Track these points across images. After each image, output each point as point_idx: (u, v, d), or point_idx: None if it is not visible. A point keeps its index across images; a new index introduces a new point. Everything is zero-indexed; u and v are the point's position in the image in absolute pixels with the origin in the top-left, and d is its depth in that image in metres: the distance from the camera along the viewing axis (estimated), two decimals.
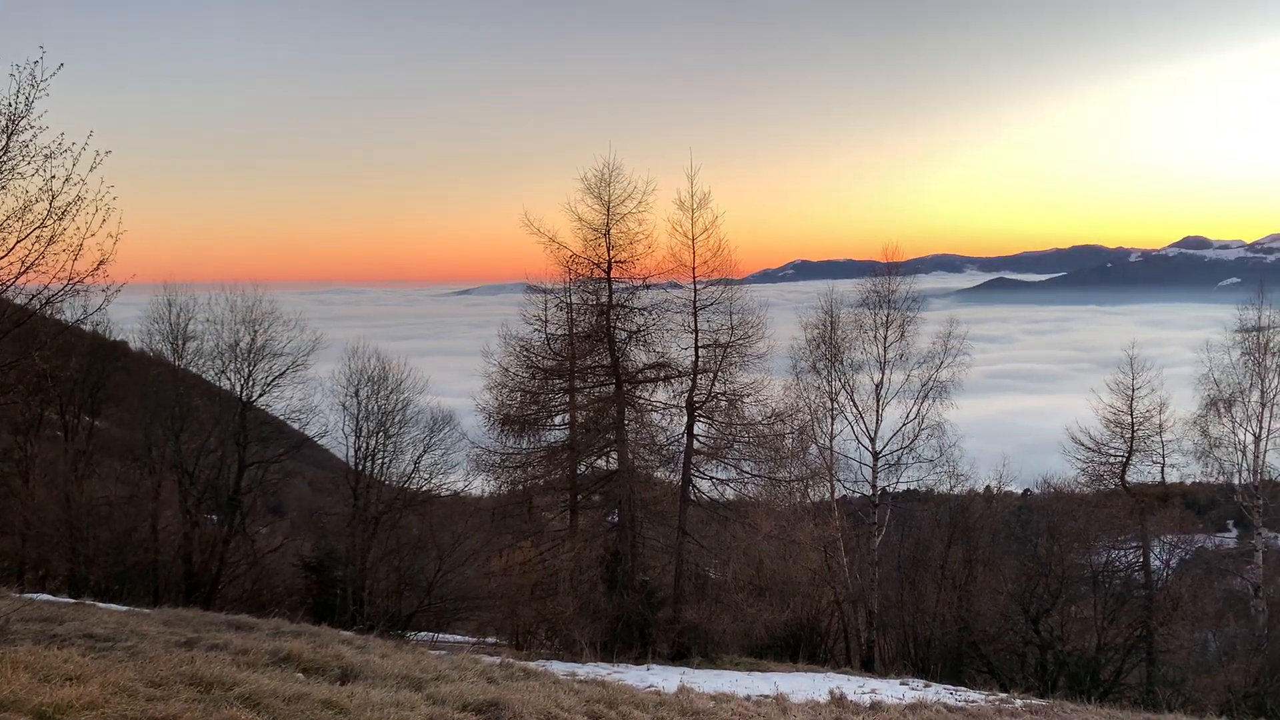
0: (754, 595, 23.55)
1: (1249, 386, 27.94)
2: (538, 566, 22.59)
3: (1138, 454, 27.75)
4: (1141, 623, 25.28)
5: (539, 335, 24.84)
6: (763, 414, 24.23)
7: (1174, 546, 28.18)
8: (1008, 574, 27.88)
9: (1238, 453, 27.97)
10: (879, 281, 28.85)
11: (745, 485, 24.83)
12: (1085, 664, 24.16)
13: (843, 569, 28.18)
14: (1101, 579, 26.38)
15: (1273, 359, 27.81)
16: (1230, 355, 28.43)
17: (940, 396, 28.35)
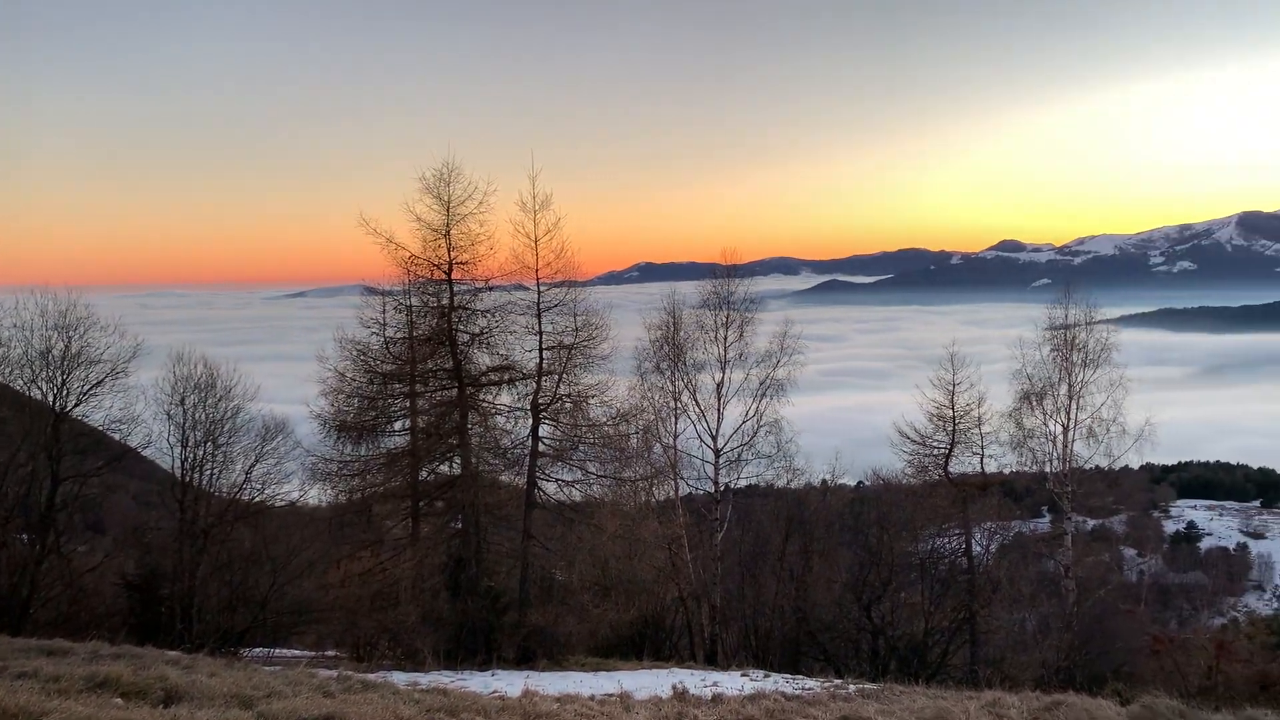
0: (600, 595, 23.66)
1: (1058, 380, 29.95)
2: (378, 576, 22.01)
3: (959, 446, 29.29)
4: (965, 606, 26.72)
5: (377, 339, 24.21)
6: (608, 415, 24.34)
7: (993, 532, 29.88)
8: (842, 564, 28.99)
9: (1049, 443, 29.94)
10: (719, 283, 29.55)
11: (591, 486, 24.90)
12: (914, 647, 25.38)
13: (687, 565, 28.65)
14: (928, 565, 27.75)
15: (1078, 354, 29.88)
16: (1041, 351, 30.44)
17: (778, 394, 29.23)
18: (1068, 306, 30.54)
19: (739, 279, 29.85)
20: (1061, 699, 11.05)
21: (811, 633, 26.91)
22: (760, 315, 30.48)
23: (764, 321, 30.57)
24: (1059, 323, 30.58)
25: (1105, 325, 31.45)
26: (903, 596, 26.82)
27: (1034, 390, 30.04)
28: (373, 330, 24.19)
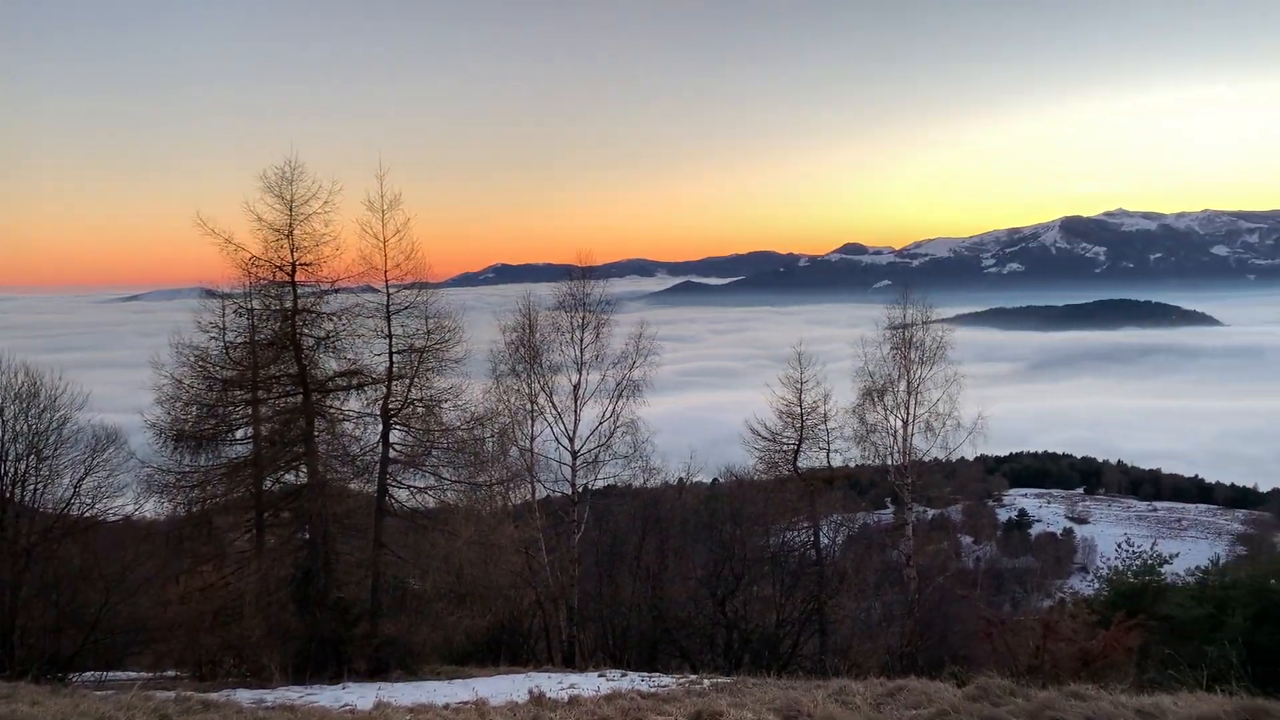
0: (455, 603, 23.31)
1: (897, 377, 31.23)
2: (221, 591, 21.06)
3: (807, 441, 30.21)
4: (814, 597, 27.56)
5: (217, 344, 23.17)
6: (462, 419, 23.99)
7: (840, 524, 30.94)
8: (698, 561, 29.46)
9: (890, 437, 31.19)
10: (575, 285, 29.56)
11: (445, 492, 24.49)
12: (766, 640, 26.02)
13: (544, 568, 28.54)
14: (780, 559, 28.49)
15: (916, 352, 31.24)
16: (882, 350, 31.66)
17: (634, 395, 29.44)
18: (906, 307, 31.90)
19: (595, 280, 29.96)
20: (903, 684, 11.54)
21: (668, 630, 27.24)
22: (617, 316, 30.66)
23: (620, 323, 30.77)
24: (898, 322, 31.87)
25: (940, 324, 32.99)
26: (755, 590, 27.46)
27: (876, 387, 31.24)
28: (212, 335, 23.14)
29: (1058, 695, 9.64)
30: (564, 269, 30.91)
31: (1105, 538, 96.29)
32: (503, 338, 29.33)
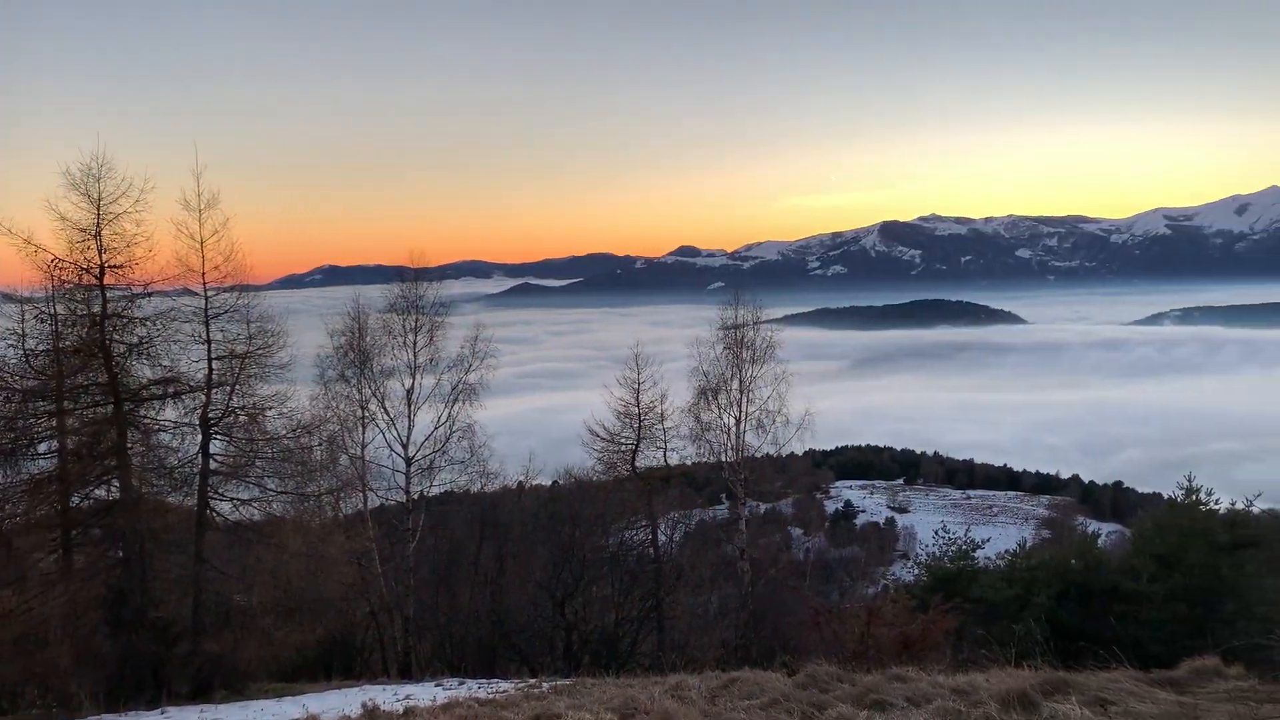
0: (283, 617, 22.42)
1: (730, 376, 31.99)
2: (22, 617, 19.53)
3: (645, 441, 30.59)
4: (652, 594, 27.93)
5: (15, 352, 21.45)
6: (288, 427, 23.07)
7: (677, 522, 31.48)
8: (537, 564, 29.36)
9: (724, 434, 31.91)
10: (408, 287, 28.97)
11: (271, 504, 23.52)
12: (606, 639, 26.18)
13: (378, 579, 27.83)
14: (618, 558, 28.74)
15: (747, 352, 32.10)
16: (715, 350, 32.36)
17: (470, 399, 29.09)
18: (738, 308, 32.73)
19: (429, 282, 29.45)
20: (737, 675, 11.84)
21: (507, 635, 27.04)
22: (452, 319, 30.23)
23: (456, 325, 30.36)
24: (730, 323, 32.64)
25: (770, 324, 34.01)
26: (595, 590, 27.59)
27: (710, 386, 31.92)
28: (10, 343, 21.43)
29: (881, 679, 10.10)
30: (396, 270, 30.26)
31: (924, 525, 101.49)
32: (331, 342, 28.44)
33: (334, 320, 28.98)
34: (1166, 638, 21.49)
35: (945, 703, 8.40)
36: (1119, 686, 8.44)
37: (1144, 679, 8.82)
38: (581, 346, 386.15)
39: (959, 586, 24.54)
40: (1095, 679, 8.96)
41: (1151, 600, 23.25)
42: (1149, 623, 22.83)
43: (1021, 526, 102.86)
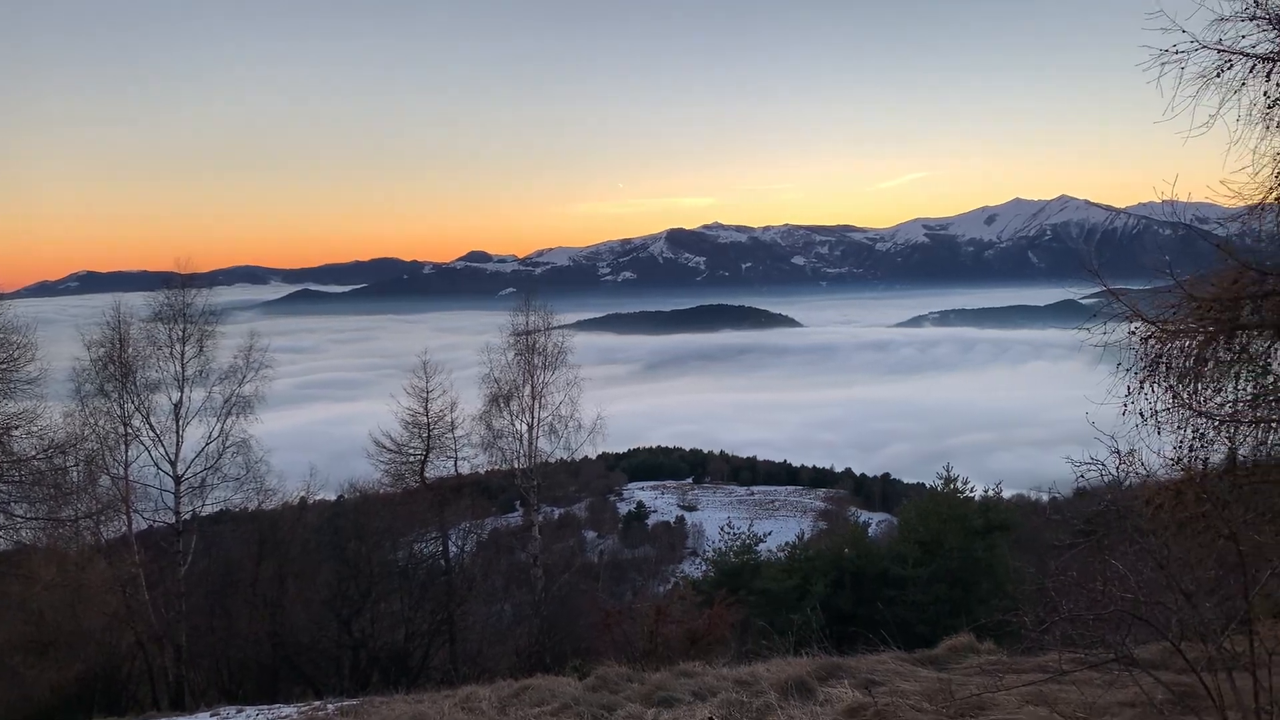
0: (36, 655, 20.52)
1: (522, 382, 31.93)
2: None
3: (434, 451, 30.05)
4: (444, 607, 27.44)
5: None
6: (38, 447, 21.20)
7: (469, 531, 31.05)
8: (322, 582, 28.20)
9: (516, 441, 31.81)
10: (174, 294, 27.25)
11: (19, 531, 21.56)
12: (396, 655, 25.49)
13: (146, 606, 25.94)
14: (408, 572, 28.05)
15: (539, 358, 32.14)
16: (507, 356, 32.22)
17: (245, 412, 27.72)
18: (528, 313, 32.73)
19: (198, 289, 27.83)
20: (529, 683, 11.83)
21: (289, 657, 25.82)
22: (225, 328, 28.67)
23: (229, 334, 28.82)
24: (522, 329, 32.61)
25: (561, 330, 34.21)
26: (384, 606, 26.80)
27: (501, 393, 31.75)
28: None
29: (669, 675, 10.37)
30: (162, 277, 28.41)
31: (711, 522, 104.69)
32: (88, 354, 26.32)
33: (92, 330, 26.86)
34: (930, 618, 23.16)
35: (729, 695, 8.71)
36: (886, 668, 9.03)
37: (908, 659, 9.47)
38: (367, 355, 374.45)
39: (743, 580, 25.52)
40: (865, 661, 9.55)
41: (916, 583, 24.99)
42: (915, 604, 24.51)
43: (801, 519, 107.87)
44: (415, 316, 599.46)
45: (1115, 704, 5.69)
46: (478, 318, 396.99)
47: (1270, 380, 9.30)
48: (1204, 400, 9.26)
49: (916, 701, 7.00)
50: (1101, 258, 10.41)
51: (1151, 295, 10.23)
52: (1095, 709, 5.60)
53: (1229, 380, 9.38)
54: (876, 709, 6.71)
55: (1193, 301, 9.26)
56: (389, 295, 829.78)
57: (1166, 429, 9.36)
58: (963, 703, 6.49)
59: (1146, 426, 9.39)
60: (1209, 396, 9.36)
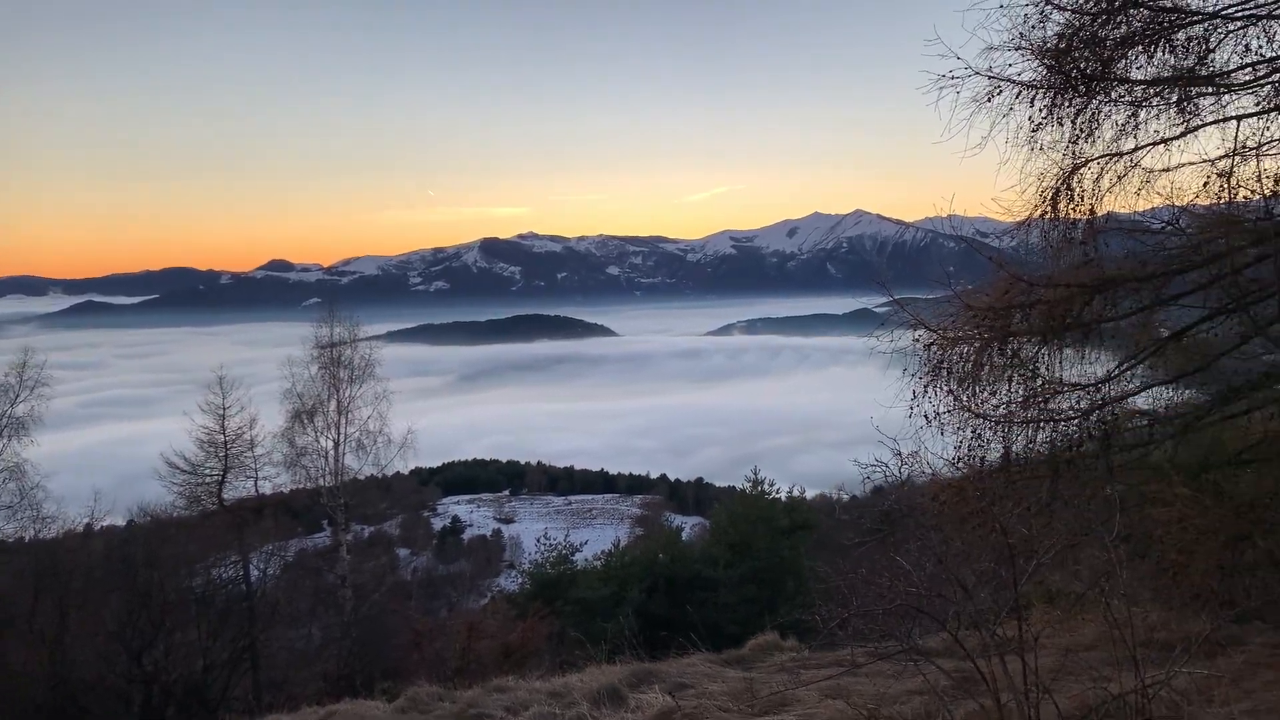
0: None
1: (327, 397, 30.82)
2: None
3: (233, 471, 28.54)
4: (245, 634, 26.09)
5: None
6: None
7: (272, 554, 29.67)
8: (109, 614, 26.26)
9: (321, 458, 30.66)
10: None
11: None
12: (193, 688, 24.03)
13: None
14: (206, 599, 26.51)
15: (345, 371, 31.12)
16: (310, 370, 31.03)
17: (19, 434, 25.62)
18: (334, 325, 31.65)
19: None
20: (335, 708, 11.39)
21: (72, 696, 23.87)
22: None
23: (1, 350, 26.60)
24: (327, 341, 31.50)
25: (369, 342, 33.29)
26: (178, 636, 25.20)
27: (305, 408, 30.56)
28: None
29: (482, 692, 10.22)
30: None
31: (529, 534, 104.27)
32: None
33: None
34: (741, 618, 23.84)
35: (542, 708, 8.67)
36: (696, 670, 9.22)
37: (716, 660, 9.71)
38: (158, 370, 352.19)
39: (560, 590, 25.55)
40: (676, 665, 9.72)
41: (727, 585, 25.71)
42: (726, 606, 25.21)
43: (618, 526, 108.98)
44: (212, 329, 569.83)
45: (904, 693, 6.02)
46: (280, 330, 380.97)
47: (1039, 383, 10.07)
48: (981, 402, 9.94)
49: (723, 702, 7.18)
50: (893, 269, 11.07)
51: (935, 305, 10.89)
52: (886, 699, 5.91)
53: (1003, 383, 10.09)
54: (684, 713, 6.84)
55: (969, 310, 9.92)
56: (183, 307, 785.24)
57: (949, 430, 10.00)
58: (766, 700, 6.71)
59: (931, 428, 10.01)
60: (985, 399, 10.04)
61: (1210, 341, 10.11)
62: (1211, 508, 8.38)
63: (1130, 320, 9.96)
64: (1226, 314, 9.60)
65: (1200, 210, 10.12)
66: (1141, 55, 9.59)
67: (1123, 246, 10.52)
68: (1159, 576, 8.48)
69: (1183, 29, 9.43)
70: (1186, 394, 10.41)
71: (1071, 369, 10.22)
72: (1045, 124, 9.84)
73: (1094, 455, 9.27)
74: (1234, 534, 8.34)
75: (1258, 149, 9.87)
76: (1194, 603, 8.06)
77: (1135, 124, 9.95)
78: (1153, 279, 9.67)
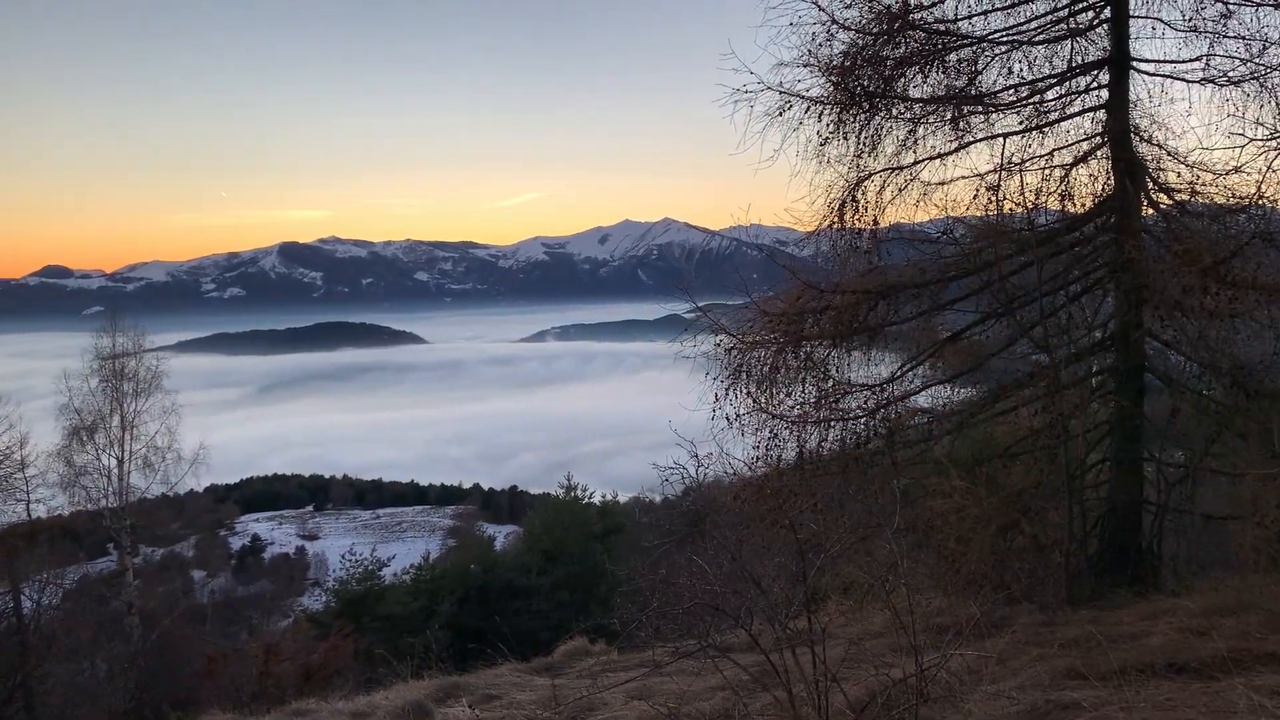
0: None
1: (110, 412, 28.80)
2: None
3: (2, 494, 26.27)
4: (16, 670, 23.97)
5: None
6: None
7: (48, 583, 27.38)
8: None
9: (104, 478, 28.61)
10: None
11: None
12: None
13: None
14: None
15: (129, 384, 29.16)
16: (90, 383, 28.93)
17: None
18: (116, 335, 29.67)
19: None
20: None
21: None
22: None
23: None
24: (109, 352, 29.50)
25: (157, 352, 31.43)
26: None
27: (84, 425, 28.50)
28: None
29: (280, 716, 9.77)
30: None
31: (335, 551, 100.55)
32: None
33: None
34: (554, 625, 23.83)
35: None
36: (505, 680, 9.12)
37: (525, 668, 9.65)
38: None
39: (367, 607, 24.82)
40: (485, 676, 9.59)
41: (541, 592, 25.66)
42: (540, 613, 25.17)
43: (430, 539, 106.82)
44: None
45: (706, 689, 6.16)
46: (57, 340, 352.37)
47: (830, 384, 10.55)
48: (778, 404, 10.33)
49: (531, 711, 7.14)
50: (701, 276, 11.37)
51: (736, 311, 11.25)
52: (687, 696, 6.03)
53: (798, 385, 10.52)
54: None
55: (766, 316, 10.30)
56: None
57: (748, 431, 10.34)
58: (573, 705, 6.71)
59: (733, 429, 10.32)
60: (782, 400, 10.45)
61: (982, 343, 10.90)
62: (985, 498, 9.01)
63: (912, 324, 10.59)
64: (996, 318, 10.37)
65: (973, 221, 10.89)
66: (918, 75, 10.23)
67: (905, 255, 11.17)
68: (939, 565, 9.03)
69: (954, 51, 10.13)
70: (963, 393, 11.17)
71: (860, 370, 10.78)
72: (832, 138, 10.34)
73: (880, 452, 9.79)
74: (1005, 522, 8.99)
75: (1021, 165, 10.75)
76: (970, 588, 8.64)
77: (914, 140, 10.60)
78: (931, 285, 10.32)
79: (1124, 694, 5.01)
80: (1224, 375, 8.96)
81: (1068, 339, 10.30)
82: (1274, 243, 9.06)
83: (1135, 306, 9.42)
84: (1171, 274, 8.80)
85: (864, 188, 10.67)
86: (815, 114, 10.30)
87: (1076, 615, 7.94)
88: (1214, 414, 9.27)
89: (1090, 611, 8.11)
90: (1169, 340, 9.81)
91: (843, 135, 10.33)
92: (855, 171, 10.57)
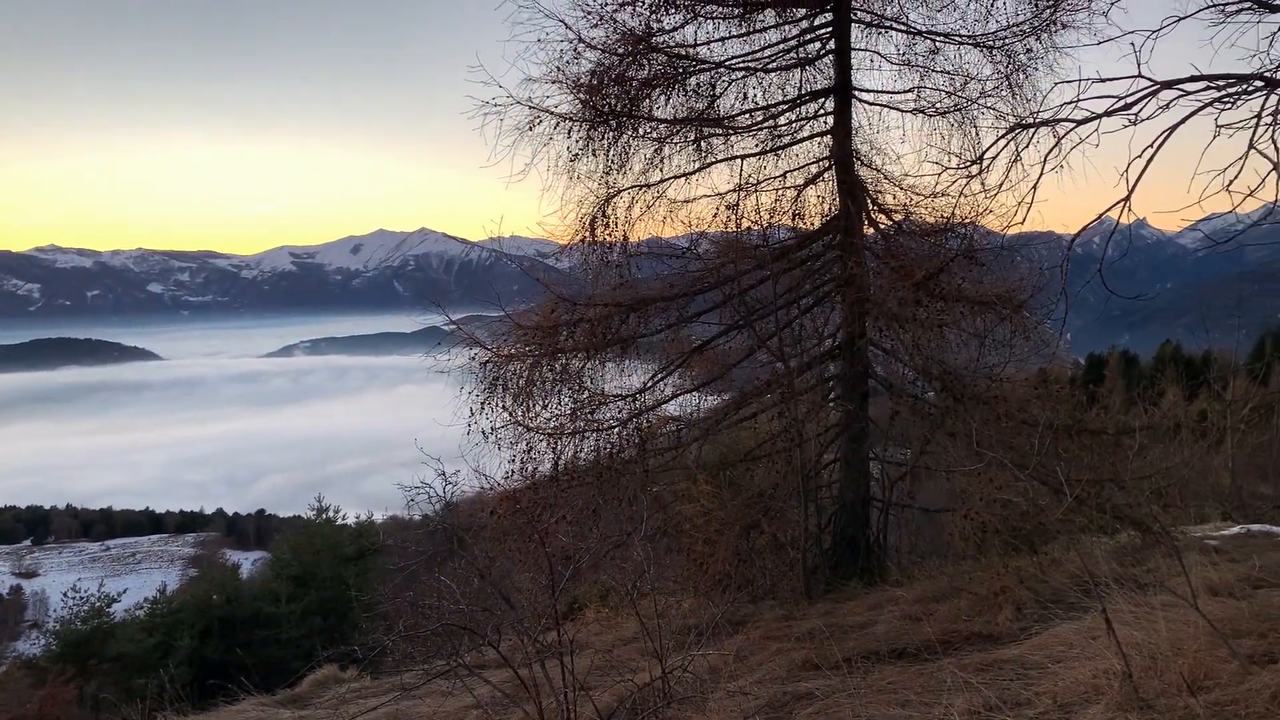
0: None
1: None
2: None
3: None
4: None
5: None
6: None
7: None
8: None
9: None
10: None
11: None
12: None
13: None
14: None
15: None
16: None
17: None
18: None
19: None
20: None
21: None
22: None
23: None
24: None
25: None
26: None
27: None
28: None
29: None
30: None
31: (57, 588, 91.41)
32: None
33: None
34: (306, 653, 22.71)
35: None
36: (247, 717, 8.62)
37: (271, 702, 9.15)
38: None
39: (94, 648, 22.74)
40: (226, 714, 9.02)
41: (290, 619, 24.42)
42: (290, 641, 23.93)
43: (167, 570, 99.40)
44: None
45: (458, 709, 6.08)
46: None
47: (585, 396, 10.71)
48: (534, 417, 10.36)
49: None
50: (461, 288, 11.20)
51: (492, 324, 11.19)
52: (439, 718, 5.93)
53: (554, 397, 10.60)
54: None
55: (521, 329, 10.31)
56: None
57: (505, 444, 10.30)
58: None
59: (489, 443, 10.25)
60: (539, 413, 10.49)
61: (727, 353, 11.42)
62: (730, 501, 9.43)
63: (662, 335, 10.94)
64: (738, 328, 10.90)
65: (715, 237, 11.41)
66: (662, 96, 10.60)
67: (655, 269, 11.53)
68: (689, 567, 9.36)
69: (694, 75, 10.57)
70: (709, 400, 11.65)
71: (614, 382, 11.01)
72: (582, 155, 10.52)
73: (633, 460, 10.03)
74: (748, 523, 9.45)
75: (758, 185, 11.39)
76: (718, 588, 9.01)
77: (661, 158, 10.98)
78: (678, 298, 10.71)
79: (851, 681, 5.39)
80: (935, 380, 9.85)
81: (801, 348, 11.00)
82: (976, 260, 10.08)
83: (859, 318, 10.18)
84: (889, 288, 9.59)
85: (614, 204, 10.93)
86: (565, 130, 10.44)
87: (813, 609, 8.46)
88: (928, 416, 10.17)
89: (825, 604, 8.67)
90: (889, 348, 10.67)
91: (592, 152, 10.53)
92: (605, 188, 10.80)
